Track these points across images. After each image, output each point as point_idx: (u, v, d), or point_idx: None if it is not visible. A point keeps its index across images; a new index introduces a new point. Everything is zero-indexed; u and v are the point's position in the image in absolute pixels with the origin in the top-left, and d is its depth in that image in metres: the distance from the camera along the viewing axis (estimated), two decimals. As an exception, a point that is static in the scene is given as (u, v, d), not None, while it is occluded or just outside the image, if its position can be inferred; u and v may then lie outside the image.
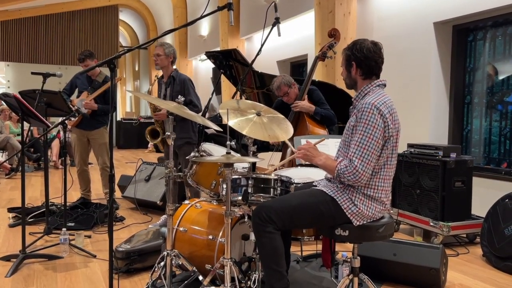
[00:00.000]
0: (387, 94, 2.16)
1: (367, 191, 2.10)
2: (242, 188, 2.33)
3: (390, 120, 2.06)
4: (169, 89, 4.00)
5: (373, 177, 2.10)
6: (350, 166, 2.02)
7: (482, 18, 4.34)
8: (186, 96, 3.94)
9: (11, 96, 3.21)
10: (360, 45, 2.17)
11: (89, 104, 4.48)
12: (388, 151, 2.10)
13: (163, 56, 3.94)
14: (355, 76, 2.22)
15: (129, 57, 20.26)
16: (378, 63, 2.18)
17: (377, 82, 2.19)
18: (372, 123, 2.03)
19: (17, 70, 13.41)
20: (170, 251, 2.55)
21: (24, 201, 3.30)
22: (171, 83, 3.99)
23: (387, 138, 2.07)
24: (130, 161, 9.63)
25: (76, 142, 4.70)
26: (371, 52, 2.15)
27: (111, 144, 2.26)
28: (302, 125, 3.85)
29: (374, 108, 2.04)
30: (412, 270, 2.82)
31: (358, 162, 2.02)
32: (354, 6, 5.58)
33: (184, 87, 3.96)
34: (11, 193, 5.94)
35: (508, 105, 4.30)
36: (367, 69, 2.17)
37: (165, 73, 4.03)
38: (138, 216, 4.69)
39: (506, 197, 3.39)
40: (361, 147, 2.03)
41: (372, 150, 2.03)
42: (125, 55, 18.10)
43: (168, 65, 3.99)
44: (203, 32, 11.36)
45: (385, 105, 2.07)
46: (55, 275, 3.02)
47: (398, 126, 2.13)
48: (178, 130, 4.00)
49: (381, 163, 2.10)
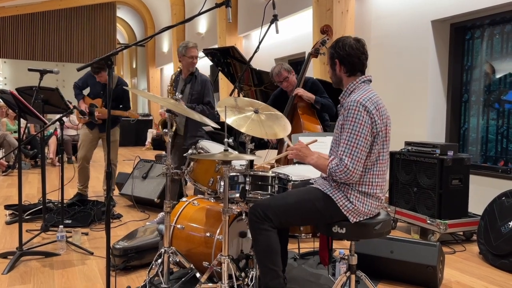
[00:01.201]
0: (373, 90, 2.16)
1: (362, 188, 2.10)
2: (240, 186, 2.34)
3: (376, 116, 2.06)
4: (188, 85, 4.02)
5: (367, 174, 2.10)
6: (340, 165, 2.03)
7: (479, 16, 4.35)
8: (205, 97, 4.00)
9: (8, 93, 3.19)
10: (343, 42, 2.18)
11: (100, 116, 4.59)
12: (378, 147, 2.10)
13: (197, 59, 4.02)
14: (339, 73, 2.23)
15: (127, 54, 20.21)
16: (361, 59, 2.18)
17: (362, 79, 2.20)
18: (358, 121, 2.03)
19: (14, 67, 13.37)
20: (168, 248, 2.55)
21: (21, 198, 3.28)
22: (191, 81, 4.02)
23: (376, 134, 2.07)
24: (127, 159, 9.61)
25: (84, 138, 4.73)
26: (354, 49, 2.16)
27: (108, 141, 2.24)
28: (296, 122, 3.85)
29: (360, 105, 2.04)
30: (409, 267, 2.82)
31: (348, 160, 2.02)
32: (352, 4, 5.58)
33: (204, 87, 4.02)
34: (7, 190, 5.92)
35: (505, 103, 4.31)
36: (350, 66, 2.18)
37: (186, 70, 4.04)
38: (136, 214, 4.68)
39: (503, 195, 3.40)
40: (350, 145, 2.03)
41: (361, 148, 2.03)
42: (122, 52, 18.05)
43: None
44: (201, 29, 11.34)
45: (370, 101, 2.07)
46: (52, 272, 3.01)
47: (387, 120, 2.12)
48: (191, 128, 4.00)
49: (373, 159, 2.10)
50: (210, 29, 10.77)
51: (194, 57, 3.98)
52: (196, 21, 11.55)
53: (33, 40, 13.49)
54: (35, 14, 13.43)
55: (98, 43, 14.29)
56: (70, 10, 13.90)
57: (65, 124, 4.21)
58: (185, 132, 4.01)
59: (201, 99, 4.00)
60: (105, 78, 4.62)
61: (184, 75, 4.08)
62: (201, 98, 4.00)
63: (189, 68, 4.03)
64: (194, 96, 3.98)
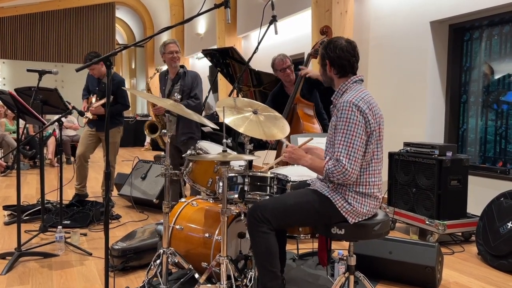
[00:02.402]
0: (365, 89, 2.17)
1: (359, 189, 2.10)
2: (239, 186, 2.34)
3: (370, 115, 2.07)
4: (177, 84, 4.06)
5: (363, 174, 2.10)
6: (338, 166, 2.02)
7: (478, 17, 4.35)
8: (192, 90, 4.03)
9: (7, 94, 3.19)
10: (334, 44, 2.18)
11: (93, 110, 4.57)
12: (373, 146, 2.10)
13: (180, 54, 4.03)
14: (330, 74, 2.25)
15: (126, 54, 20.20)
16: (351, 62, 2.18)
17: (354, 79, 2.20)
18: (352, 121, 2.04)
19: (12, 67, 13.35)
20: (166, 249, 2.55)
21: (20, 199, 3.28)
22: (181, 78, 4.04)
23: (370, 133, 2.07)
24: (126, 159, 9.60)
25: (83, 136, 4.76)
26: (344, 52, 2.16)
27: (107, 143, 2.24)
28: (296, 122, 3.86)
29: (352, 105, 2.05)
30: (408, 268, 2.83)
31: (346, 161, 2.02)
32: (351, 5, 5.59)
33: (195, 81, 4.07)
34: (6, 190, 5.92)
35: (503, 104, 4.32)
36: (340, 68, 2.19)
37: (173, 70, 4.06)
38: (134, 214, 4.68)
39: (501, 195, 3.41)
40: (346, 145, 2.03)
41: (357, 148, 2.03)
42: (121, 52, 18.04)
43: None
44: (200, 30, 11.34)
45: (363, 100, 2.07)
46: (50, 273, 3.01)
47: (380, 119, 2.13)
48: (181, 126, 4.05)
49: (368, 158, 2.10)
50: (209, 30, 10.77)
51: (173, 51, 4.03)
52: (195, 22, 11.55)
53: (32, 40, 13.48)
54: (34, 15, 13.42)
55: (97, 44, 14.28)
56: (69, 11, 13.88)
57: (64, 124, 4.21)
58: (177, 130, 4.06)
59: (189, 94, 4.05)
60: (98, 71, 4.66)
61: (171, 74, 4.12)
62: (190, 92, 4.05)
63: (172, 64, 4.08)
64: (185, 92, 4.03)
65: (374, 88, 5.32)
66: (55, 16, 13.72)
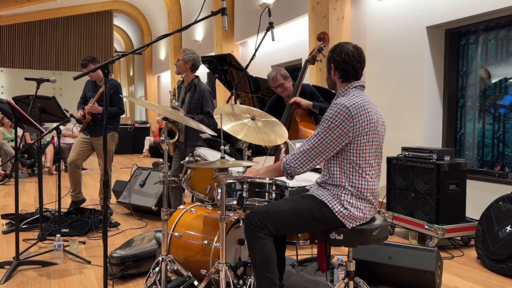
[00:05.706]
0: (362, 95, 2.17)
1: (354, 192, 2.10)
2: (237, 193, 2.33)
3: (360, 120, 2.06)
4: (188, 94, 4.06)
5: (353, 177, 2.10)
6: (291, 154, 2.14)
7: (474, 22, 4.38)
8: (203, 107, 4.02)
9: (5, 102, 3.19)
10: (341, 48, 2.20)
11: (91, 108, 4.54)
12: (363, 150, 2.09)
13: (181, 62, 4.00)
14: (334, 78, 2.26)
15: (124, 62, 20.26)
16: (355, 68, 2.19)
17: (354, 84, 2.21)
18: (334, 121, 2.06)
19: (10, 75, 13.37)
20: (165, 256, 2.54)
21: (18, 207, 3.28)
22: (191, 89, 4.05)
23: (354, 138, 2.07)
24: (124, 167, 9.59)
25: (75, 142, 4.74)
26: (350, 57, 2.17)
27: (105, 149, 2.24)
28: (294, 128, 3.86)
29: (343, 107, 2.06)
30: (407, 273, 2.82)
31: (303, 146, 2.12)
32: (348, 11, 5.62)
33: (203, 97, 4.03)
34: (4, 199, 5.90)
35: (500, 108, 4.34)
36: (344, 72, 2.20)
37: (186, 78, 4.10)
38: (133, 222, 4.67)
39: (500, 199, 3.41)
40: (314, 138, 2.11)
41: (324, 142, 2.08)
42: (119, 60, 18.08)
43: (187, 70, 4.03)
44: (197, 37, 11.38)
45: (355, 105, 2.07)
46: (49, 282, 3.00)
47: (375, 125, 2.11)
48: (190, 137, 4.02)
49: (359, 162, 2.09)
50: (207, 37, 10.81)
51: (177, 59, 4.06)
52: (193, 29, 11.60)
53: (30, 48, 13.52)
54: (32, 23, 13.47)
55: (95, 51, 14.33)
56: (67, 19, 13.94)
57: (62, 132, 4.21)
58: (185, 140, 4.03)
59: (199, 109, 4.01)
60: (96, 75, 4.70)
61: (185, 82, 4.12)
62: (200, 108, 4.02)
63: (175, 72, 4.13)
64: (192, 105, 4.00)
65: (371, 93, 5.34)
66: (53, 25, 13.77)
